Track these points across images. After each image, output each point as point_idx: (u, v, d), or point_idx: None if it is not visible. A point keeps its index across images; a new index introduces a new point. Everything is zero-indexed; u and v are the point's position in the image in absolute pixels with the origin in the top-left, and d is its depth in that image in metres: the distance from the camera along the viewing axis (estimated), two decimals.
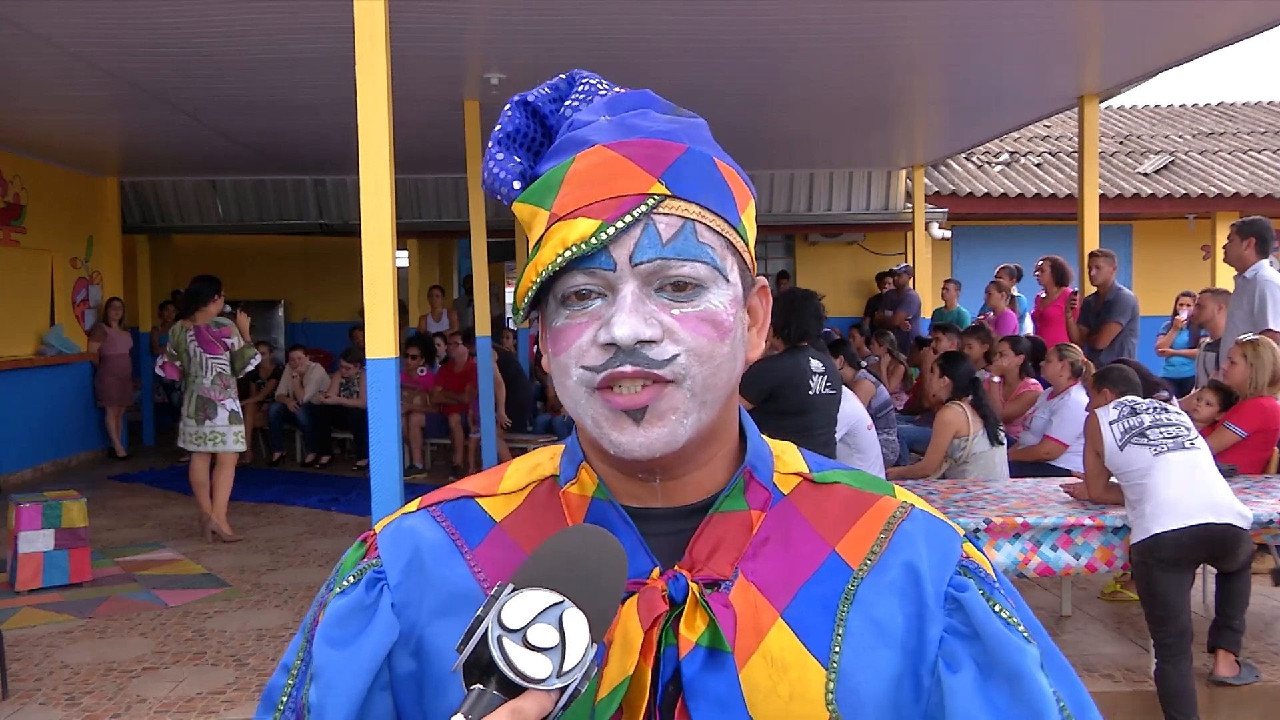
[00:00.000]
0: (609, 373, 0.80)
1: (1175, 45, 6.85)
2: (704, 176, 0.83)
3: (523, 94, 0.91)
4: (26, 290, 9.72)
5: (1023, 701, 0.82)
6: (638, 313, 0.79)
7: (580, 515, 0.87)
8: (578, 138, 0.85)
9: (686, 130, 0.85)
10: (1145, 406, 4.17)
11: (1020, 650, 0.84)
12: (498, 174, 0.88)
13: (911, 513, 0.89)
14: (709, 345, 0.81)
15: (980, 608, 0.85)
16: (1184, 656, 3.81)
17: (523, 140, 0.90)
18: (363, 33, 4.15)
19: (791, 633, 0.83)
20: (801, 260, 14.48)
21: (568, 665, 0.67)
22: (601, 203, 0.80)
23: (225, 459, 6.95)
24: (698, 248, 0.81)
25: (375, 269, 4.16)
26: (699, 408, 0.81)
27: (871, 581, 0.85)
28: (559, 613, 0.69)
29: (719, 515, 0.86)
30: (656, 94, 0.90)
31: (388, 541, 0.90)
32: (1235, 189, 12.88)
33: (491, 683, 0.67)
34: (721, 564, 0.84)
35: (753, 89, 7.67)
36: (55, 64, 6.57)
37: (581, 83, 0.92)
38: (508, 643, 0.67)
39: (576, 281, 0.81)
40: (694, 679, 0.79)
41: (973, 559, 0.88)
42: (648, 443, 0.80)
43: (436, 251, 14.99)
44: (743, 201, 0.86)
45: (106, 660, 4.73)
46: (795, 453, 0.94)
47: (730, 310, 0.83)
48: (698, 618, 0.81)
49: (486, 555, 0.87)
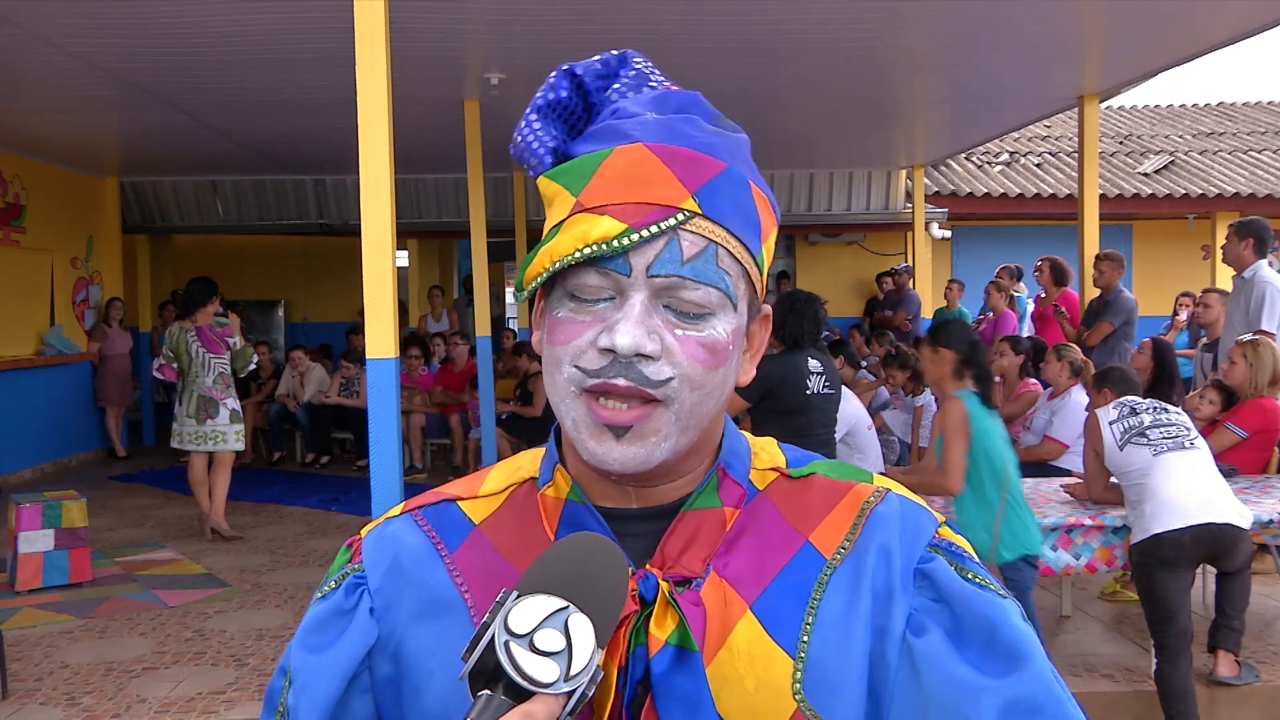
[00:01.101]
0: (602, 381, 0.78)
1: (1175, 45, 6.85)
2: (736, 200, 0.82)
3: (571, 64, 0.88)
4: (26, 290, 9.72)
5: (999, 649, 0.81)
6: (643, 325, 0.78)
7: (555, 517, 0.87)
8: (620, 128, 0.82)
9: (729, 147, 0.84)
10: (1145, 406, 4.17)
11: (992, 603, 0.83)
12: (531, 143, 0.86)
13: (886, 496, 0.88)
14: (703, 373, 0.80)
15: (946, 573, 0.84)
16: (1184, 656, 3.81)
17: (562, 112, 0.88)
18: (363, 33, 4.15)
19: (759, 624, 0.82)
20: (801, 260, 14.47)
21: (575, 669, 0.68)
22: (631, 205, 0.78)
23: (223, 458, 6.99)
24: (716, 273, 0.80)
25: (375, 269, 4.16)
26: (680, 432, 0.80)
27: (845, 569, 0.84)
28: (564, 618, 0.69)
29: (691, 513, 0.85)
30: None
31: (370, 546, 0.90)
32: (1235, 189, 12.88)
33: (499, 688, 0.67)
34: (693, 561, 0.84)
35: (753, 89, 7.67)
36: (55, 64, 6.57)
37: (634, 65, 0.89)
38: (515, 647, 0.67)
39: (589, 280, 0.79)
40: (662, 678, 0.79)
41: (947, 538, 0.87)
42: (622, 459, 0.79)
43: (436, 251, 14.99)
44: (767, 229, 0.85)
45: (106, 660, 4.73)
46: (774, 448, 0.93)
47: (731, 339, 0.82)
48: (667, 616, 0.81)
49: (465, 558, 0.87)
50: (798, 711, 0.81)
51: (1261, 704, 4.18)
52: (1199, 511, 3.84)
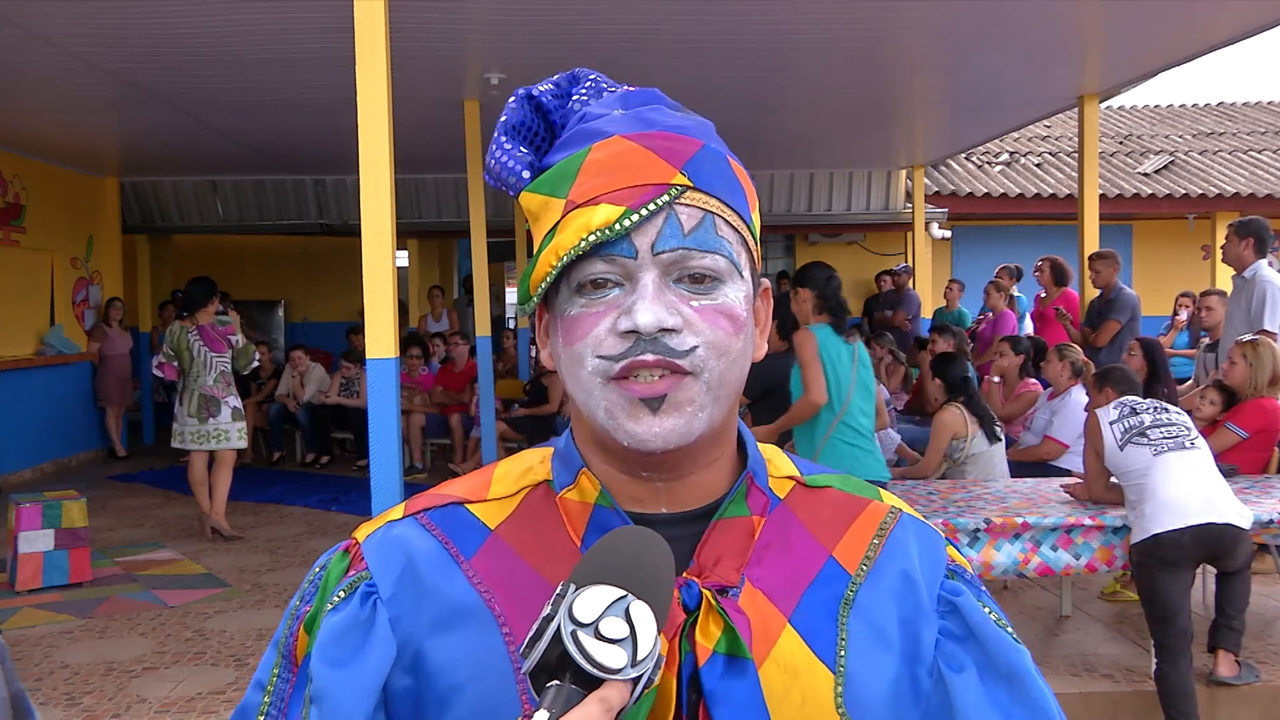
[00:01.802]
0: (629, 361, 0.79)
1: (1175, 45, 6.85)
2: (720, 172, 0.83)
3: (527, 88, 0.90)
4: (26, 290, 9.72)
5: (1025, 699, 0.84)
6: (660, 301, 0.78)
7: (582, 523, 0.85)
8: (592, 129, 0.84)
9: (699, 128, 0.86)
10: (1146, 406, 4.17)
11: (1017, 651, 0.86)
12: (506, 162, 0.87)
13: (901, 518, 0.91)
14: (726, 339, 0.81)
15: (975, 611, 0.87)
16: (1184, 656, 3.81)
17: (525, 134, 0.89)
18: (363, 33, 4.15)
19: (800, 638, 0.83)
20: (801, 260, 14.44)
21: (640, 654, 0.69)
22: (625, 190, 0.80)
23: (224, 457, 7.00)
24: (717, 240, 0.81)
25: (375, 269, 4.16)
26: (713, 402, 0.81)
27: (869, 587, 0.86)
28: (625, 605, 0.69)
29: (724, 521, 0.86)
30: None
31: (375, 552, 0.85)
32: (1235, 189, 12.87)
33: (566, 678, 0.68)
34: (728, 570, 0.84)
35: (753, 89, 7.67)
36: (55, 64, 6.57)
37: (586, 80, 0.91)
38: (582, 636, 0.68)
39: (596, 269, 0.80)
40: (716, 687, 0.79)
41: (957, 562, 0.92)
42: (663, 433, 0.79)
43: (436, 251, 14.99)
44: (752, 201, 0.87)
45: (106, 660, 4.73)
46: (784, 457, 0.95)
47: (744, 306, 0.83)
48: (711, 624, 0.80)
49: (484, 565, 0.84)
50: None
51: (1261, 704, 4.18)
52: (1199, 511, 3.84)
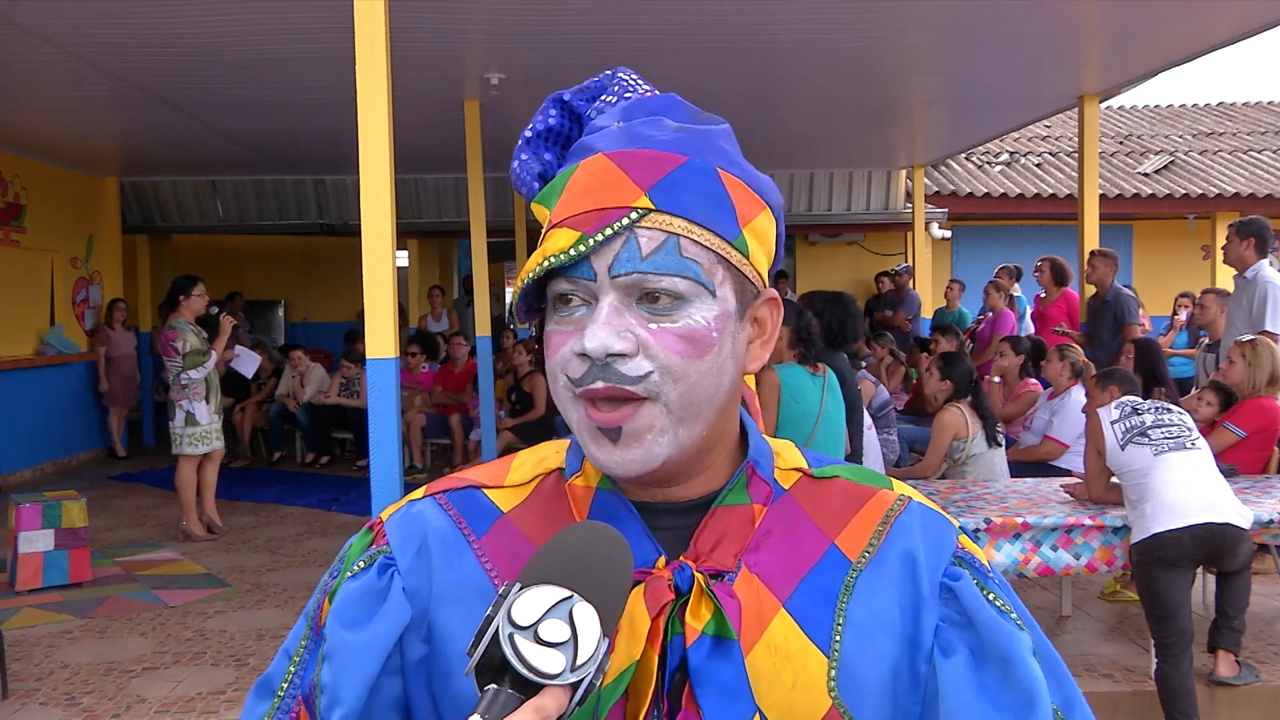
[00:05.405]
0: (584, 389, 0.81)
1: (1175, 45, 6.85)
2: (699, 189, 0.83)
3: (560, 92, 0.93)
4: (26, 290, 9.72)
5: (1014, 685, 0.84)
6: (611, 325, 0.79)
7: (585, 506, 0.88)
8: (587, 143, 0.87)
9: (694, 139, 0.85)
10: (1147, 406, 4.17)
11: (1012, 636, 0.86)
12: (520, 173, 0.92)
13: (909, 505, 0.91)
14: (682, 363, 0.81)
15: (973, 595, 0.87)
16: (1184, 656, 3.81)
17: (555, 139, 0.93)
18: (363, 33, 4.15)
19: (794, 622, 0.84)
20: (801, 260, 14.46)
21: (581, 659, 0.67)
22: (585, 214, 0.81)
23: (210, 454, 7.04)
24: (680, 262, 0.81)
25: (375, 269, 4.16)
26: (677, 424, 0.81)
27: (870, 573, 0.87)
28: (569, 607, 0.69)
29: (722, 509, 0.87)
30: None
31: (396, 528, 0.90)
32: (1235, 189, 12.87)
33: (506, 681, 0.67)
34: (725, 556, 0.86)
35: (753, 89, 7.67)
36: (55, 64, 6.57)
37: (618, 82, 0.93)
38: (520, 640, 0.67)
39: (562, 286, 0.82)
40: (701, 666, 0.81)
41: (968, 550, 0.91)
42: (624, 463, 0.81)
43: (436, 251, 14.99)
44: (748, 212, 0.85)
45: (106, 660, 4.73)
46: (795, 450, 0.95)
47: (714, 326, 0.82)
48: (703, 607, 0.82)
49: (493, 545, 0.88)
50: (833, 709, 0.83)
51: (1261, 704, 4.18)
52: (1199, 511, 3.84)
